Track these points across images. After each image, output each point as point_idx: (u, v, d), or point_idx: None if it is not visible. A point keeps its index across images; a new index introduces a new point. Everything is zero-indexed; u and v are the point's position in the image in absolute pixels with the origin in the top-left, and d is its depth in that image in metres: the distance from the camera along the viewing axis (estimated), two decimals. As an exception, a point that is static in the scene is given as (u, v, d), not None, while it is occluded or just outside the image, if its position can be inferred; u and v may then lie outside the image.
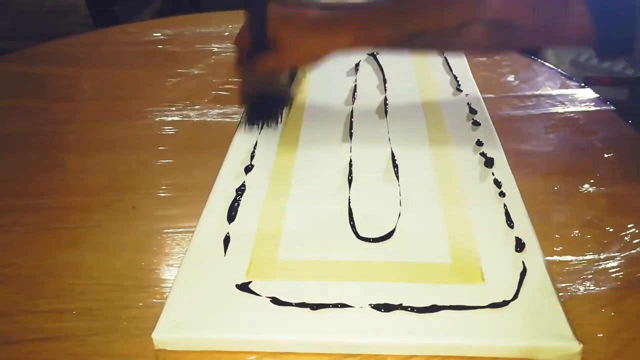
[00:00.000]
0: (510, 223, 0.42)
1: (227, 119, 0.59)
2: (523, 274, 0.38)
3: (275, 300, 0.36)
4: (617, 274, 0.39)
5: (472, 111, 0.57)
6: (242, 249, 0.41)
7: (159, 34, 0.84)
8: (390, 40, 0.47)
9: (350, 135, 0.54)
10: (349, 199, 0.45)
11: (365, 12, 0.48)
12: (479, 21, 0.42)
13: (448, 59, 0.68)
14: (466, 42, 0.44)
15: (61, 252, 0.43)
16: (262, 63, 0.51)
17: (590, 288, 0.38)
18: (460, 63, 0.67)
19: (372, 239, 0.41)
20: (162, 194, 0.49)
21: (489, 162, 0.49)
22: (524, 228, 0.41)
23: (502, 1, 0.42)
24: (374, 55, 0.70)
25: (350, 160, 0.50)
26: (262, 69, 0.51)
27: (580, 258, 0.40)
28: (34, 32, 1.36)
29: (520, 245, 0.40)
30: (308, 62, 0.53)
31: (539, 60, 0.71)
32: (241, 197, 0.46)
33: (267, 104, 0.56)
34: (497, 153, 0.50)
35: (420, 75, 0.65)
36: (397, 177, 0.48)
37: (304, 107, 0.60)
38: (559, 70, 0.69)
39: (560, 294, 0.36)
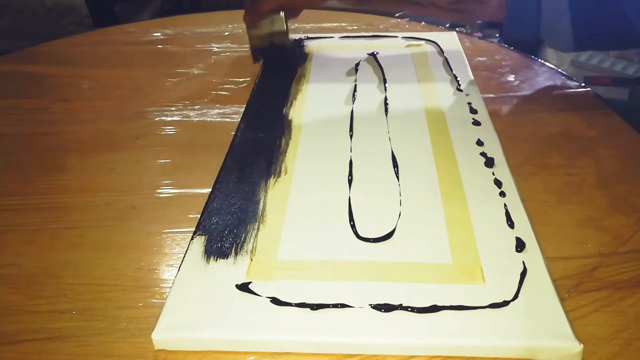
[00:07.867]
0: (510, 223, 0.42)
1: (227, 119, 0.59)
2: (523, 274, 0.38)
3: (275, 300, 0.36)
4: (617, 274, 0.39)
5: (472, 111, 0.57)
6: (242, 249, 0.41)
7: (159, 34, 0.84)
8: None
9: (350, 135, 0.54)
10: (349, 199, 0.45)
11: None
12: None
13: (448, 59, 0.69)
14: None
15: (61, 252, 0.43)
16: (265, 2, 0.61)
17: (590, 288, 0.38)
18: (460, 63, 0.68)
19: (372, 239, 0.41)
20: (162, 194, 0.49)
21: (489, 162, 0.49)
22: (524, 228, 0.41)
23: None
24: (374, 55, 0.70)
25: (351, 160, 0.50)
26: (265, 8, 0.62)
27: (580, 258, 0.40)
28: (34, 32, 1.36)
29: (520, 245, 0.40)
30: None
31: (539, 60, 0.71)
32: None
33: (276, 54, 0.68)
34: (497, 153, 0.50)
35: (421, 75, 0.65)
36: (397, 177, 0.48)
37: (304, 107, 0.60)
38: (559, 70, 0.69)
39: (560, 294, 0.36)
